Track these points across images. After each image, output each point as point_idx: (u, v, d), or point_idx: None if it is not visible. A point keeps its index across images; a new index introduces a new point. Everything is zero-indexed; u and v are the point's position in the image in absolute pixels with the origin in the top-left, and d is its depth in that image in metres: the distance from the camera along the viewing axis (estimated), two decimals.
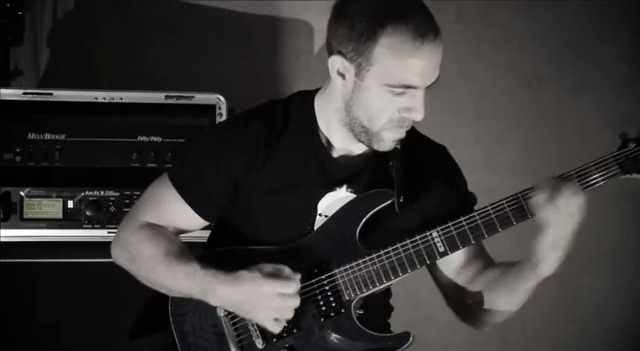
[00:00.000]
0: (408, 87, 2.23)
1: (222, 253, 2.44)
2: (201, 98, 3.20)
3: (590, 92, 3.93)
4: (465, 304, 2.50)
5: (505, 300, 2.41)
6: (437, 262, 2.49)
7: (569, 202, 2.20)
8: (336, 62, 2.28)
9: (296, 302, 2.26)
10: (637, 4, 3.90)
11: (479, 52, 3.91)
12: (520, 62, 3.93)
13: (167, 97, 3.19)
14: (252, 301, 2.26)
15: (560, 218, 2.21)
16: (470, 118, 3.93)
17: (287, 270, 2.28)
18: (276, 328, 2.28)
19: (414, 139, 2.43)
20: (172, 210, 2.43)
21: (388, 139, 2.33)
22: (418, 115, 2.27)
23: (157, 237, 2.39)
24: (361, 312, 2.39)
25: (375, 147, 2.35)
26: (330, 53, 2.30)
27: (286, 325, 2.31)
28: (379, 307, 2.53)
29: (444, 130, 3.70)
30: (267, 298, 2.25)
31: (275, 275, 2.26)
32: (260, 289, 2.24)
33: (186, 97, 3.20)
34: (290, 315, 2.27)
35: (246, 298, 2.26)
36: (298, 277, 2.28)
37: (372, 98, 2.27)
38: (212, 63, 3.77)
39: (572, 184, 2.23)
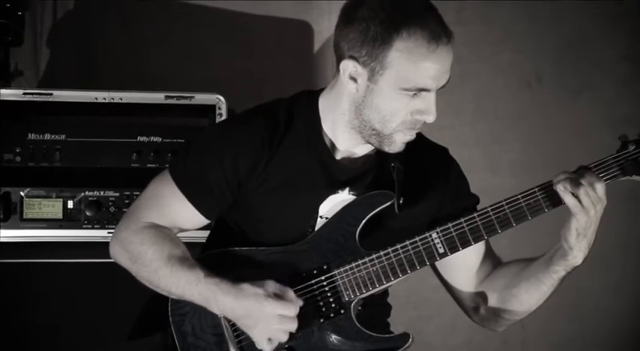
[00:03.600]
0: (421, 90, 2.24)
1: (222, 253, 2.43)
2: (201, 98, 3.20)
3: (590, 92, 3.93)
4: (483, 307, 2.50)
5: (528, 295, 2.40)
6: (449, 270, 2.51)
7: (594, 188, 2.21)
8: (348, 67, 2.28)
9: (293, 326, 2.27)
10: (637, 4, 3.90)
11: (479, 52, 3.91)
12: (520, 62, 3.93)
13: (167, 97, 3.20)
14: (252, 318, 2.26)
15: (588, 204, 2.21)
16: (470, 118, 3.94)
17: (291, 293, 2.28)
18: (268, 348, 2.28)
19: (416, 141, 2.42)
20: (174, 208, 2.42)
21: (399, 141, 2.33)
22: (430, 117, 2.28)
23: (160, 239, 2.38)
24: (360, 310, 2.39)
25: (386, 149, 2.35)
26: (341, 57, 2.30)
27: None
28: (377, 306, 2.53)
29: (444, 130, 3.69)
30: (266, 318, 2.25)
31: (278, 296, 2.27)
32: (261, 308, 2.25)
33: (186, 97, 3.20)
34: (285, 338, 2.28)
35: (247, 314, 2.27)
36: (300, 303, 2.28)
37: (385, 102, 2.27)
38: (212, 63, 3.77)
39: (592, 172, 2.24)
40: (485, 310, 2.50)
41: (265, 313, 2.25)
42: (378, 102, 2.27)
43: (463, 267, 2.50)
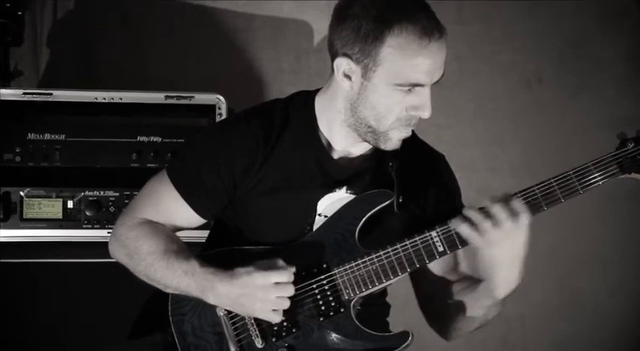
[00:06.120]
0: (415, 85, 2.24)
1: (221, 253, 2.44)
2: (201, 98, 3.21)
3: (590, 92, 3.93)
4: (428, 316, 2.53)
5: (462, 316, 2.42)
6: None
7: (504, 224, 2.20)
8: (341, 64, 2.29)
9: (290, 291, 2.26)
10: (637, 4, 3.90)
11: (479, 52, 3.91)
12: (520, 62, 3.93)
13: (167, 97, 3.20)
14: (248, 295, 2.26)
15: (495, 240, 2.21)
16: (470, 118, 3.94)
17: (280, 262, 2.28)
18: (275, 318, 2.28)
19: (413, 143, 2.44)
20: (171, 208, 2.43)
21: (395, 138, 2.34)
22: (425, 113, 2.28)
23: (156, 234, 2.39)
24: (359, 309, 2.39)
25: (382, 146, 2.35)
26: (335, 55, 2.30)
27: (285, 324, 2.32)
28: (376, 305, 2.53)
29: (444, 130, 3.72)
30: (262, 290, 2.25)
31: (268, 268, 2.26)
32: (255, 282, 2.25)
33: (186, 97, 3.20)
34: (287, 304, 2.27)
35: (243, 292, 2.26)
36: (292, 269, 2.28)
37: (380, 98, 2.27)
38: (212, 63, 3.77)
39: (507, 207, 2.22)
40: (429, 320, 2.53)
41: (259, 285, 2.25)
42: (373, 99, 2.28)
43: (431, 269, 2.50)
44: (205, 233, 2.63)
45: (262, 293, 2.25)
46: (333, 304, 2.34)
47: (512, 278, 2.28)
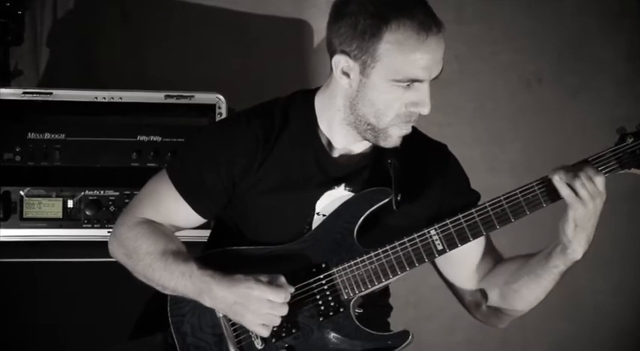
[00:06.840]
0: (414, 81, 2.24)
1: (221, 253, 2.44)
2: (201, 98, 3.21)
3: (590, 92, 3.93)
4: (484, 303, 2.50)
5: (529, 291, 2.40)
6: (450, 266, 2.51)
7: (594, 181, 2.21)
8: (339, 62, 2.28)
9: (283, 311, 2.26)
10: (637, 4, 3.90)
11: (479, 52, 3.91)
12: (520, 62, 3.93)
13: (167, 97, 3.20)
14: (242, 304, 2.26)
15: (585, 196, 2.21)
16: (470, 117, 3.94)
17: (282, 279, 2.28)
18: (263, 332, 2.28)
19: (414, 137, 2.43)
20: (171, 207, 2.43)
21: (395, 135, 2.33)
22: (425, 109, 2.28)
23: (155, 234, 2.39)
24: (360, 311, 2.39)
25: (382, 144, 2.35)
26: (333, 53, 2.30)
27: (285, 325, 2.31)
28: (378, 306, 2.53)
29: (444, 129, 3.71)
30: (256, 303, 2.25)
31: (269, 283, 2.27)
32: (251, 293, 2.25)
33: (186, 97, 3.20)
34: (276, 323, 2.27)
35: (238, 300, 2.26)
36: (291, 289, 2.28)
37: (379, 95, 2.27)
38: (212, 63, 3.77)
39: (591, 166, 2.24)
40: (486, 306, 2.50)
41: (254, 297, 2.25)
42: (372, 95, 2.27)
43: (464, 263, 2.50)
44: (205, 233, 2.63)
45: (255, 306, 2.25)
46: (332, 303, 2.34)
47: (589, 239, 2.29)
